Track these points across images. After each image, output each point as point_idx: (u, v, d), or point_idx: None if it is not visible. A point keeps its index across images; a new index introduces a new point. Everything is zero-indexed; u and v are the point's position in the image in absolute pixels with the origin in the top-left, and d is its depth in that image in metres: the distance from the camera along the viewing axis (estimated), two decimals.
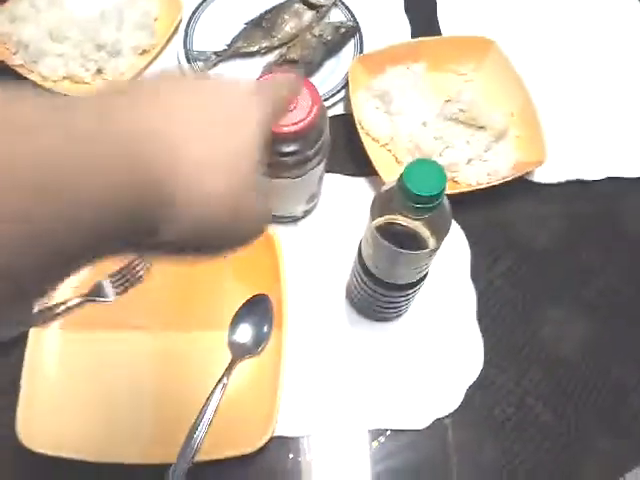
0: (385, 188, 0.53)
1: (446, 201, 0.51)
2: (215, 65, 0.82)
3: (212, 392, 0.63)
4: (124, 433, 0.62)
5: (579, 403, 0.67)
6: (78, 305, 0.67)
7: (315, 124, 0.59)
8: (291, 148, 0.60)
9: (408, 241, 0.52)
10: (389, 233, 0.53)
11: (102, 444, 0.61)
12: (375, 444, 0.64)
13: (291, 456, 0.63)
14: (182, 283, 0.70)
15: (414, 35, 0.87)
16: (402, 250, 0.52)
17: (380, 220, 0.53)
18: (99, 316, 0.68)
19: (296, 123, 0.57)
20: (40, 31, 0.79)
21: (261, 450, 0.61)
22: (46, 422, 0.61)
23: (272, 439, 0.61)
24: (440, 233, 0.53)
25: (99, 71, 0.81)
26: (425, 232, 0.52)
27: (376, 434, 0.64)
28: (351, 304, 0.69)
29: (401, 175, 0.47)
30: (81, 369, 0.65)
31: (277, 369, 0.64)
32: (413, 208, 0.48)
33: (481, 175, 0.73)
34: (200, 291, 0.69)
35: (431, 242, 0.53)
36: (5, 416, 0.61)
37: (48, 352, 0.65)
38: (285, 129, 0.57)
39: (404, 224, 0.51)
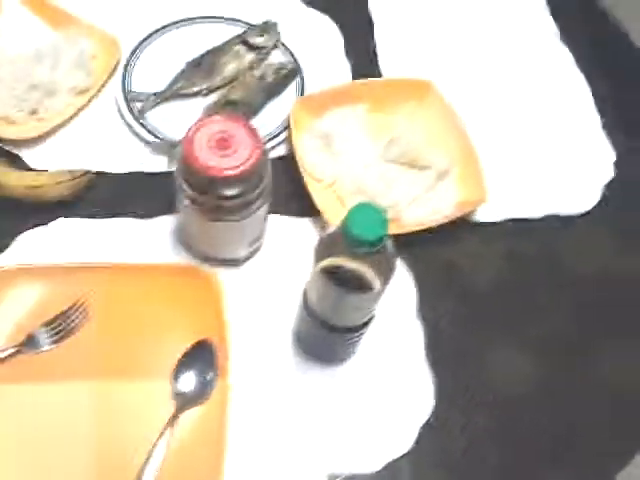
0: (329, 231, 0.52)
1: (390, 243, 0.51)
2: (154, 106, 0.80)
3: (154, 446, 0.60)
4: None
5: (527, 442, 0.67)
6: (9, 357, 0.64)
7: (257, 167, 0.58)
8: (233, 191, 0.59)
9: (354, 283, 0.52)
10: (334, 276, 0.52)
11: None
12: None
13: None
14: (123, 330, 0.67)
15: (355, 77, 0.87)
16: (348, 293, 0.52)
17: (324, 263, 0.52)
18: (31, 367, 0.64)
19: (237, 166, 0.57)
20: None
21: None
22: None
23: None
24: (385, 275, 0.52)
25: (33, 112, 0.78)
26: (370, 274, 0.52)
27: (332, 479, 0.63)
28: (298, 348, 0.68)
29: (344, 219, 0.47)
30: (16, 427, 0.62)
31: (223, 418, 0.62)
32: (357, 251, 0.47)
33: (424, 215, 0.74)
34: (143, 338, 0.67)
35: (377, 284, 0.52)
36: None
37: None
38: (226, 172, 0.57)
39: (349, 267, 0.51)
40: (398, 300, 0.71)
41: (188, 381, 0.64)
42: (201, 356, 0.65)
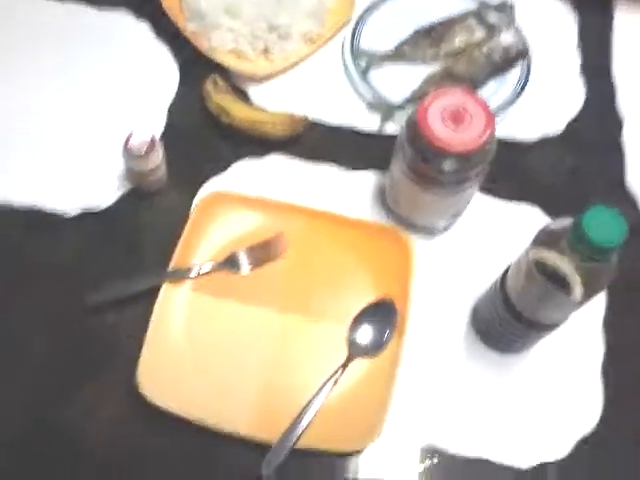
0: (555, 225, 0.52)
1: (616, 256, 0.49)
2: (378, 66, 0.82)
3: (324, 384, 0.64)
4: (234, 402, 0.64)
5: None
6: (211, 271, 0.70)
7: (484, 148, 0.58)
8: (454, 166, 0.60)
9: (560, 284, 0.51)
10: (545, 270, 0.52)
11: (212, 408, 0.63)
12: (473, 475, 0.63)
13: (384, 463, 0.63)
14: (314, 269, 0.71)
15: (584, 71, 0.84)
16: (555, 291, 0.51)
17: (540, 254, 0.52)
18: (230, 286, 0.70)
19: (468, 143, 0.57)
20: (218, 4, 0.82)
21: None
22: (165, 376, 0.64)
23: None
24: (597, 286, 0.51)
25: (265, 51, 0.83)
26: (582, 280, 0.50)
27: (476, 463, 0.63)
28: (473, 329, 0.68)
29: (580, 218, 0.46)
30: (205, 332, 0.68)
31: (392, 376, 0.64)
32: (586, 254, 0.47)
33: None
34: (330, 281, 0.70)
35: (585, 292, 0.51)
36: (125, 365, 0.64)
37: (177, 310, 0.68)
38: (456, 148, 0.57)
39: (564, 267, 0.50)
40: (586, 307, 0.69)
41: (365, 333, 0.67)
42: (382, 312, 0.68)
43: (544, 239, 0.52)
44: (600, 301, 0.70)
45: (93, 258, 0.72)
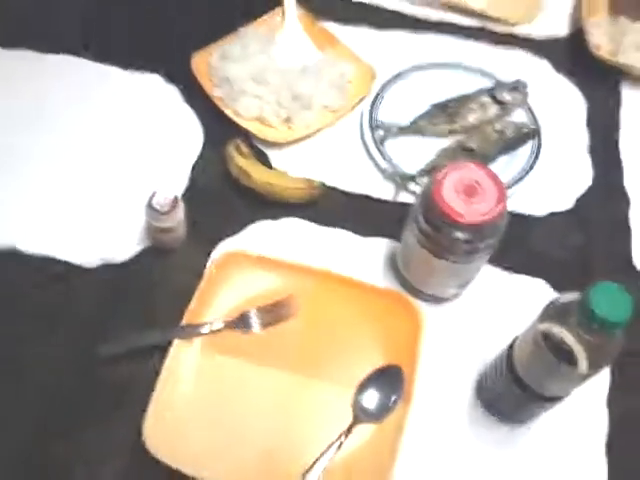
0: (563, 299, 0.53)
1: (621, 332, 0.51)
2: (395, 137, 0.85)
3: (328, 448, 0.64)
4: (237, 463, 0.65)
5: None
6: (222, 329, 0.71)
7: (495, 221, 0.60)
8: (465, 237, 0.61)
9: (566, 357, 0.52)
10: (551, 343, 0.53)
11: (215, 469, 0.63)
12: None
13: None
14: (324, 332, 0.72)
15: (592, 149, 0.87)
16: (560, 364, 0.52)
17: (547, 327, 0.53)
18: (240, 345, 0.71)
19: (481, 216, 0.59)
20: (245, 72, 0.87)
21: None
22: (171, 432, 0.65)
23: None
24: (602, 360, 0.52)
25: (288, 120, 0.86)
26: (587, 355, 0.51)
27: None
28: (478, 399, 0.69)
29: (587, 292, 0.48)
30: (212, 391, 0.69)
31: (396, 443, 0.64)
32: (592, 328, 0.48)
33: None
34: (339, 344, 0.71)
35: (589, 366, 0.52)
36: (132, 420, 0.65)
37: (186, 366, 0.69)
38: (469, 220, 0.59)
39: (570, 341, 0.51)
40: (591, 382, 0.69)
41: (371, 398, 0.68)
42: (389, 378, 0.68)
43: (552, 312, 0.53)
44: (605, 376, 0.71)
45: (108, 310, 0.74)
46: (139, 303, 0.75)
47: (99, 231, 0.79)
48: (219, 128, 0.86)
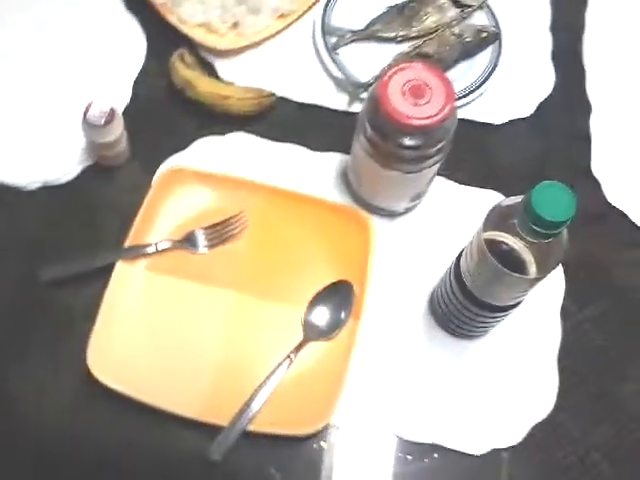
0: (506, 203, 0.51)
1: (565, 233, 0.49)
2: (348, 43, 0.80)
3: (278, 365, 0.63)
4: (186, 384, 0.63)
5: None
6: (167, 249, 0.68)
7: (445, 122, 0.57)
8: (413, 142, 0.58)
9: (514, 264, 0.50)
10: (497, 250, 0.51)
11: (163, 389, 0.62)
12: (426, 460, 0.63)
13: (337, 447, 0.63)
14: (273, 250, 0.70)
15: (554, 54, 0.83)
16: (508, 271, 0.50)
17: (492, 234, 0.51)
18: (185, 265, 0.69)
19: (427, 118, 0.56)
20: None
21: (312, 435, 0.61)
22: (116, 356, 0.63)
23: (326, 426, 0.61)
24: (549, 264, 0.50)
25: (235, 25, 0.81)
26: (535, 259, 0.50)
27: (429, 449, 0.63)
28: (431, 314, 0.68)
29: (529, 194, 0.45)
30: (159, 312, 0.67)
31: (346, 358, 0.63)
32: (534, 231, 0.46)
33: None
34: (288, 262, 0.69)
35: (538, 271, 0.50)
36: (77, 343, 0.62)
37: (130, 288, 0.67)
38: (414, 122, 0.56)
39: (516, 246, 0.49)
40: (544, 292, 0.68)
41: (321, 314, 0.66)
42: (339, 294, 0.67)
43: (495, 219, 0.51)
44: (558, 287, 0.69)
45: (51, 233, 0.71)
46: (83, 225, 0.71)
47: (38, 151, 0.74)
48: (163, 38, 0.80)
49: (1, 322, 0.66)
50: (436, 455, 0.63)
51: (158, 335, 0.66)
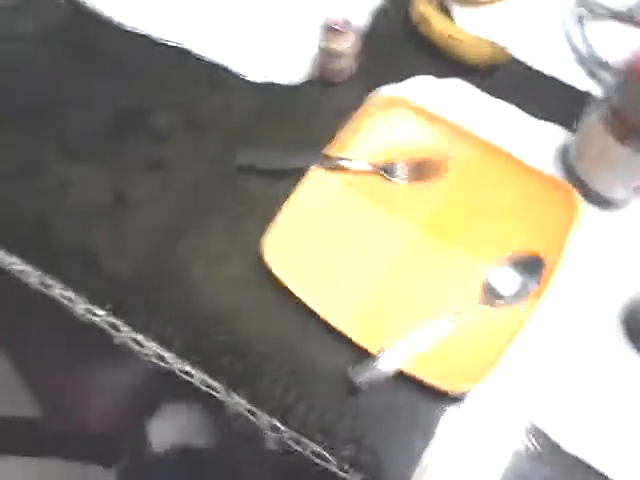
0: None
1: None
2: (599, 19, 0.76)
3: (445, 318, 0.60)
4: (348, 302, 0.62)
5: None
6: (364, 171, 0.68)
7: None
8: None
9: None
10: None
11: (325, 298, 0.61)
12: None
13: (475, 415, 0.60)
14: (467, 202, 0.67)
15: None
16: None
17: None
18: (379, 191, 0.68)
19: None
20: None
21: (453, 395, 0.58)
22: (288, 251, 0.63)
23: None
24: None
25: None
26: None
27: (568, 460, 0.57)
28: (623, 325, 0.62)
29: None
30: (338, 225, 0.66)
31: (516, 331, 0.59)
32: None
33: None
34: (480, 218, 0.66)
35: None
36: (254, 230, 0.64)
37: (319, 195, 0.66)
38: None
39: None
40: None
41: (507, 281, 0.63)
42: (528, 267, 0.63)
43: None
44: None
45: (259, 124, 0.72)
46: (290, 126, 0.72)
47: (272, 48, 0.77)
48: None
49: (189, 193, 0.68)
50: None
51: (332, 248, 0.65)
